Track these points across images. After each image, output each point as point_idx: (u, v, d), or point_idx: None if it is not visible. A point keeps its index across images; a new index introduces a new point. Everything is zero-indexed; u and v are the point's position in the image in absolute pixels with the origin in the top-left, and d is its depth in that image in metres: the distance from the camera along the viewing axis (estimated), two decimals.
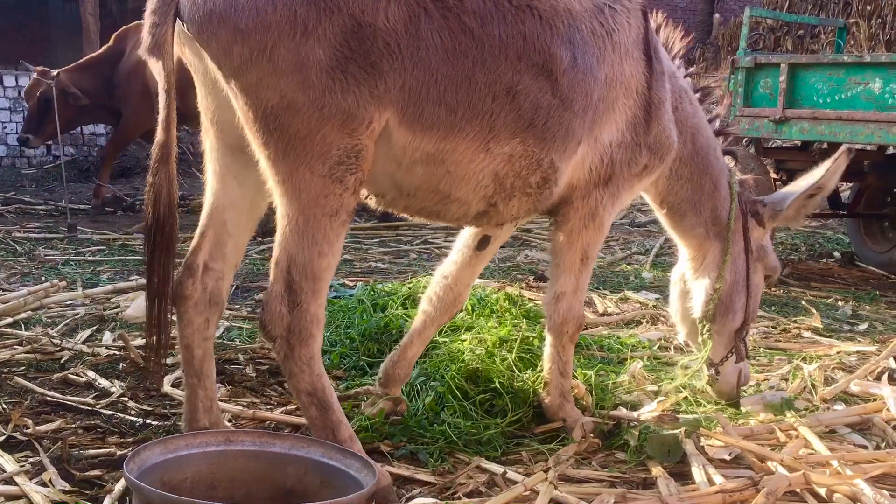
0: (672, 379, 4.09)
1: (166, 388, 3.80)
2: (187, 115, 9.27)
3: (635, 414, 3.54)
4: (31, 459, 3.06)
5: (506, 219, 3.22)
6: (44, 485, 2.85)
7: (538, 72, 2.91)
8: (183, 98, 2.78)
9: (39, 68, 8.46)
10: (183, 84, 2.79)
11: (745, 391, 3.90)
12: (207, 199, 3.02)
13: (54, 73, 8.34)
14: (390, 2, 2.66)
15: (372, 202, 3.10)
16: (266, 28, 2.56)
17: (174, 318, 2.98)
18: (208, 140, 2.97)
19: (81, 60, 8.75)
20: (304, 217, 2.68)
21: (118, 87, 8.46)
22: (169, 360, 4.17)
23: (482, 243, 3.53)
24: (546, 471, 2.96)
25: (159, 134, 2.70)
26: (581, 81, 3.01)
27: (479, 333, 4.08)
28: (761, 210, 3.76)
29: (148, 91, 8.31)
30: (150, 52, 2.67)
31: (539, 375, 3.64)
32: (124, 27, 9.07)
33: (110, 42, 8.78)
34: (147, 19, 2.68)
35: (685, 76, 3.64)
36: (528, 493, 2.84)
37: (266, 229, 5.45)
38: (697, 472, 3.03)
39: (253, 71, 2.59)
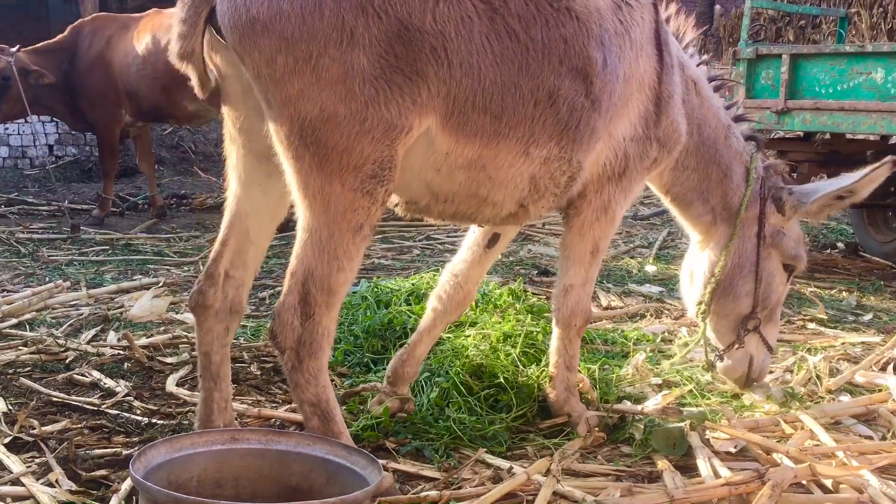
0: (670, 356, 4.13)
1: (171, 387, 3.81)
2: (174, 115, 9.12)
3: (640, 407, 3.54)
4: (37, 460, 3.07)
5: (532, 218, 3.23)
6: (50, 485, 2.86)
7: (576, 75, 2.91)
8: (170, 97, 2.75)
9: None
10: (171, 83, 2.77)
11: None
12: (229, 207, 2.99)
13: (13, 49, 8.16)
14: (438, 2, 2.61)
15: (400, 209, 3.06)
16: (313, 37, 2.49)
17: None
18: (234, 148, 2.92)
19: (39, 45, 8.46)
20: (328, 231, 2.63)
21: (78, 86, 8.28)
22: (173, 360, 4.20)
23: (492, 241, 3.53)
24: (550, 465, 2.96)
25: None
26: (609, 82, 3.01)
27: (482, 329, 4.08)
28: (785, 198, 3.68)
29: (111, 86, 8.15)
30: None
31: (543, 370, 3.65)
32: (80, 20, 8.91)
33: (65, 34, 8.52)
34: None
35: (698, 64, 3.63)
36: (531, 486, 2.84)
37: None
38: (703, 465, 3.04)
39: (295, 82, 2.52)
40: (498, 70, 2.75)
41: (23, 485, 2.84)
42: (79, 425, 3.40)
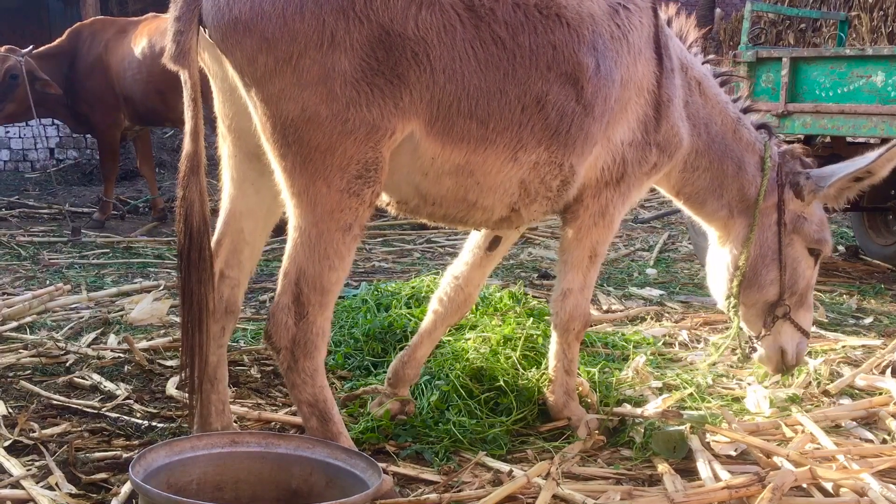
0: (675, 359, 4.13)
1: (171, 390, 3.81)
2: (170, 118, 9.11)
3: (640, 411, 3.53)
4: (37, 463, 3.07)
5: (525, 222, 3.24)
6: (50, 488, 2.86)
7: (566, 81, 2.91)
8: (166, 100, 2.76)
9: (6, 46, 8.28)
10: (167, 87, 2.77)
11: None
12: (224, 206, 3.00)
13: (24, 51, 8.16)
14: (421, 9, 2.63)
15: (392, 209, 3.09)
16: (293, 38, 2.52)
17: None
18: (225, 147, 2.94)
19: (40, 49, 8.50)
20: (318, 230, 2.64)
21: (79, 89, 8.27)
22: (173, 363, 4.20)
23: (493, 244, 3.53)
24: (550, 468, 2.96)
25: (187, 144, 2.65)
26: (603, 87, 3.01)
27: (483, 332, 4.08)
28: (803, 182, 3.62)
29: (110, 90, 8.17)
30: (175, 60, 2.60)
31: (544, 373, 3.64)
32: (78, 24, 8.93)
33: (63, 38, 8.54)
34: (170, 27, 2.62)
35: (703, 62, 3.61)
36: (531, 489, 2.84)
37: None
38: (703, 468, 3.03)
39: (276, 81, 2.55)
40: (483, 76, 2.75)
41: (23, 488, 2.84)
42: (79, 428, 3.40)
